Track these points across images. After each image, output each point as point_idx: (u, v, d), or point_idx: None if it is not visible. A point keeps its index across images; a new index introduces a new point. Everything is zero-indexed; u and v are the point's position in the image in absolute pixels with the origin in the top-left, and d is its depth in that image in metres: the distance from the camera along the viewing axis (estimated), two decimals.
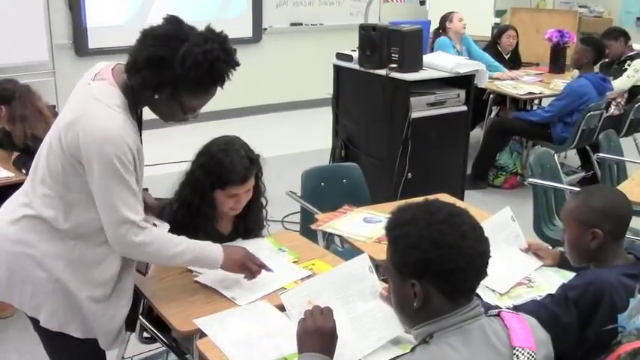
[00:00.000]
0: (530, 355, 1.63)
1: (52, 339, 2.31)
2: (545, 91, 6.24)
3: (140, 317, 2.60)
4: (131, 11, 7.03)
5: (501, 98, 6.64)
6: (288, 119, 8.04)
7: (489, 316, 1.74)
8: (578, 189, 3.57)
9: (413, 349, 1.65)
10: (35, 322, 2.28)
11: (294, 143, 6.68)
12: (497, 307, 2.24)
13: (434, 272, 1.61)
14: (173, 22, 2.07)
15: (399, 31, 4.37)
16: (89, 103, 2.07)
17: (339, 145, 4.93)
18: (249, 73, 8.02)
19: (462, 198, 4.77)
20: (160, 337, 2.60)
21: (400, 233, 1.67)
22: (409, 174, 4.45)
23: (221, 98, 8.31)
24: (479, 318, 1.66)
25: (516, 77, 6.54)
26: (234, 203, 2.67)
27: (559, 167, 4.33)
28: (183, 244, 2.27)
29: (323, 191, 3.72)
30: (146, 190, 2.48)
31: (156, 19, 2.10)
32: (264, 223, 2.96)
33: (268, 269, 2.46)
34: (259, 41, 8.08)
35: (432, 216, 1.64)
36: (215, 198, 2.64)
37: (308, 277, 2.55)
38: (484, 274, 1.67)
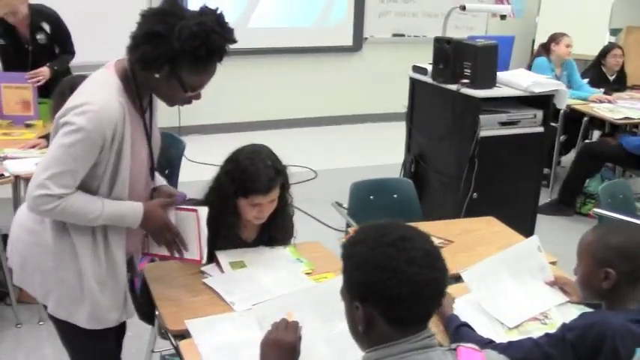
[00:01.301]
0: None
1: (62, 328, 2.38)
2: None
3: (157, 312, 2.56)
4: (235, 14, 7.24)
5: (601, 123, 6.29)
6: (377, 130, 7.97)
7: (448, 349, 1.62)
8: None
9: None
10: (46, 308, 2.36)
11: (376, 155, 6.63)
12: (479, 337, 2.11)
13: (376, 297, 1.52)
14: (169, 1, 2.11)
15: (473, 45, 4.21)
16: (85, 83, 2.18)
17: (409, 160, 4.81)
18: (348, 82, 8.08)
19: (532, 224, 4.55)
20: (168, 335, 2.61)
21: (350, 253, 1.60)
22: (475, 194, 4.27)
23: (317, 105, 8.42)
24: (427, 350, 1.55)
25: (613, 100, 6.17)
26: (258, 212, 2.66)
27: (631, 199, 4.03)
28: (101, 211, 2.18)
29: (371, 205, 3.64)
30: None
31: (259, 23, 2.15)
32: (293, 233, 2.92)
33: (184, 245, 2.43)
34: (359, 50, 8.05)
35: (381, 238, 1.55)
36: (238, 205, 2.64)
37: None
38: (435, 304, 1.56)
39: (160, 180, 2.55)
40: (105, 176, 2.18)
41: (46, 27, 4.79)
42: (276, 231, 2.83)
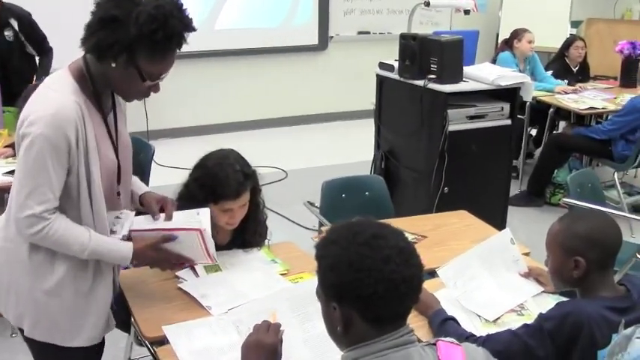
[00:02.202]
0: None
1: (39, 349, 2.26)
2: (609, 107, 5.92)
3: (133, 319, 2.54)
4: (202, 15, 7.20)
5: (567, 113, 6.36)
6: (348, 128, 7.97)
7: (427, 344, 1.62)
8: (618, 212, 3.37)
9: None
10: (21, 331, 2.23)
11: (346, 154, 6.62)
12: (462, 331, 2.13)
13: (352, 296, 1.51)
14: None
15: (439, 41, 4.23)
16: (38, 92, 2.07)
17: (379, 156, 4.82)
18: (315, 81, 8.07)
19: (504, 216, 4.59)
20: (145, 343, 2.58)
21: (323, 253, 1.58)
22: (446, 188, 4.29)
23: (285, 105, 8.36)
24: (406, 346, 1.55)
25: (578, 91, 6.25)
26: (229, 218, 2.65)
27: (617, 186, 4.09)
28: (83, 241, 2.10)
29: (343, 203, 3.64)
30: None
31: (225, 25, 2.09)
32: (266, 235, 2.91)
33: (189, 260, 2.40)
34: (325, 49, 8.05)
35: (354, 237, 1.54)
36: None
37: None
38: (412, 300, 1.56)
39: (140, 185, 2.48)
40: (81, 185, 2.09)
41: (14, 23, 4.76)
42: (249, 235, 2.83)
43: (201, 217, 2.35)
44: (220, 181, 2.56)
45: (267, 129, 7.70)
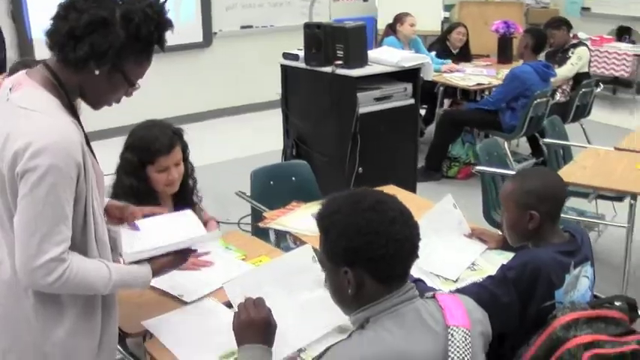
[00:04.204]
0: (465, 333, 1.65)
1: None
2: (493, 82, 6.35)
3: None
4: None
5: (453, 91, 6.74)
6: (241, 122, 8.05)
7: (426, 298, 1.77)
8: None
9: (350, 335, 1.68)
10: None
11: (248, 146, 6.69)
12: (432, 289, 2.29)
13: (364, 259, 1.63)
14: None
15: (343, 28, 4.41)
16: (18, 116, 1.76)
17: (290, 144, 4.95)
18: (201, 78, 8.06)
19: (414, 190, 4.83)
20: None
21: (328, 223, 1.69)
22: (360, 169, 4.48)
23: (172, 104, 8.24)
24: (413, 301, 1.69)
25: (461, 69, 6.64)
26: (167, 177, 2.72)
27: (508, 154, 4.41)
28: (104, 275, 1.88)
29: (273, 190, 3.74)
30: None
31: None
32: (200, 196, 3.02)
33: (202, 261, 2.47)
34: (210, 46, 8.06)
35: (357, 204, 1.67)
36: (149, 177, 2.71)
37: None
38: (414, 258, 1.70)
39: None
40: (87, 212, 1.86)
41: None
42: (190, 197, 2.91)
43: (189, 219, 2.37)
44: (151, 139, 2.68)
45: None
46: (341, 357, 1.60)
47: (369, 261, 1.63)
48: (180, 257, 2.14)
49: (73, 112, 1.88)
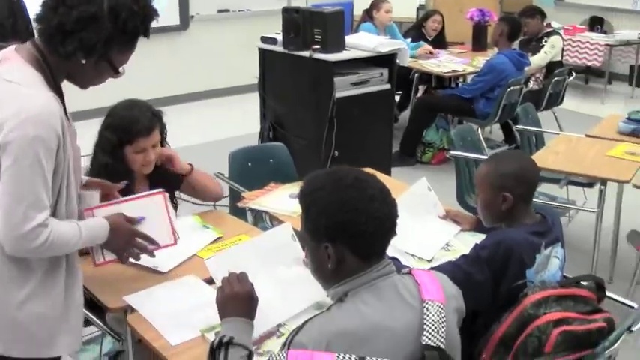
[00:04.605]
0: (440, 307, 1.70)
1: None
2: (468, 69, 6.43)
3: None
4: None
5: (428, 77, 6.81)
6: (218, 106, 8.05)
7: (402, 273, 1.83)
8: None
9: (329, 308, 1.73)
10: None
11: (225, 129, 6.71)
12: (407, 267, 2.35)
13: (345, 235, 1.69)
14: None
15: (321, 12, 4.45)
16: (1, 89, 1.86)
17: (267, 127, 4.98)
18: (178, 61, 8.04)
19: (388, 174, 4.88)
20: (95, 320, 2.57)
21: (311, 200, 1.74)
22: (336, 152, 4.54)
23: (149, 87, 8.17)
24: (390, 275, 1.75)
25: (435, 53, 6.73)
26: (144, 158, 2.74)
27: (481, 140, 4.49)
28: (76, 233, 2.00)
29: (250, 172, 3.78)
30: None
31: None
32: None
33: (155, 243, 2.35)
34: (187, 29, 8.04)
35: (339, 182, 1.72)
36: (126, 156, 2.71)
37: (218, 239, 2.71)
38: (392, 235, 1.75)
39: None
40: (62, 184, 1.95)
41: None
42: (167, 179, 2.86)
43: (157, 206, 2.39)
44: (131, 120, 2.69)
45: None
46: (320, 328, 1.64)
47: (350, 237, 1.68)
48: (134, 230, 2.27)
49: (57, 89, 1.96)
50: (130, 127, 2.68)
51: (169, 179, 2.86)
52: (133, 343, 2.39)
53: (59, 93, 1.97)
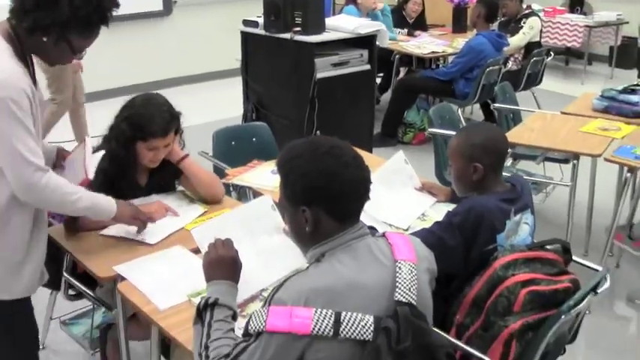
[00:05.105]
0: (412, 266, 1.80)
1: None
2: (447, 50, 6.54)
3: (65, 274, 2.69)
4: None
5: (409, 59, 6.90)
6: (202, 90, 8.11)
7: (376, 236, 1.92)
8: None
9: (307, 268, 1.82)
10: None
11: (209, 113, 6.75)
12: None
13: (321, 198, 1.78)
14: None
15: None
16: None
17: (250, 108, 5.07)
18: (162, 47, 8.08)
19: (370, 152, 4.99)
20: (86, 292, 2.69)
21: (289, 167, 1.83)
22: (317, 132, 4.62)
23: (133, 72, 8.15)
24: (365, 237, 1.84)
25: (417, 34, 6.84)
26: (153, 155, 2.78)
27: (460, 119, 4.59)
28: (81, 191, 2.28)
29: (234, 150, 3.86)
30: None
31: None
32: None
33: (153, 221, 2.63)
34: (170, 14, 8.08)
35: (316, 150, 1.81)
36: (136, 150, 2.75)
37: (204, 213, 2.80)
38: (366, 198, 1.85)
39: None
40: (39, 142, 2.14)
41: None
42: (168, 176, 2.97)
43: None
44: (149, 119, 2.70)
45: (122, 97, 7.62)
46: (299, 286, 1.72)
47: (325, 200, 1.78)
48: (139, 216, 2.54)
49: (25, 62, 2.12)
50: (147, 126, 2.70)
51: (168, 169, 2.92)
52: (124, 315, 2.49)
53: (28, 65, 2.14)
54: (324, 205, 1.79)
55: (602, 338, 3.46)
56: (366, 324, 1.66)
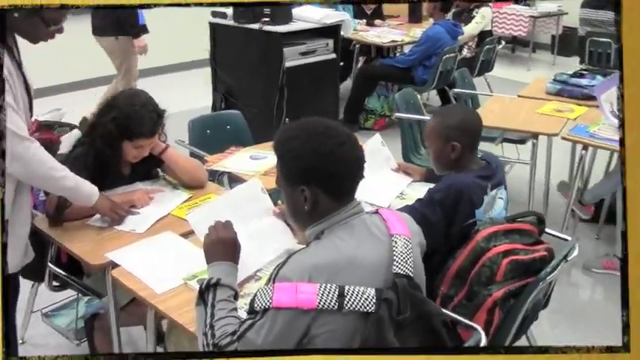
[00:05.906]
0: (406, 240, 1.90)
1: None
2: (405, 39, 6.72)
3: (50, 264, 2.69)
4: None
5: (367, 49, 7.06)
6: (170, 81, 8.06)
7: (370, 213, 2.03)
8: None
9: (308, 245, 1.89)
10: None
11: (179, 104, 6.75)
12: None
13: (319, 177, 1.85)
14: None
15: None
16: None
17: (219, 98, 5.14)
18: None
19: None
20: (74, 281, 2.72)
21: (286, 148, 1.90)
22: (287, 119, 4.73)
23: (101, 63, 8.02)
24: (360, 214, 1.93)
25: (379, 24, 7.02)
26: (138, 152, 2.81)
27: (421, 103, 4.75)
28: (67, 170, 2.37)
29: (209, 138, 3.92)
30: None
31: None
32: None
33: (134, 213, 2.70)
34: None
35: (311, 130, 1.89)
36: (122, 148, 2.77)
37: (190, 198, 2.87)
38: (361, 177, 1.94)
39: None
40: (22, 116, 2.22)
41: None
42: (151, 167, 3.03)
43: None
44: (137, 120, 2.70)
45: (94, 88, 7.53)
46: (302, 263, 1.79)
47: (323, 179, 1.85)
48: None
49: (8, 44, 2.18)
50: (135, 126, 2.70)
51: (150, 159, 2.95)
52: (116, 303, 2.51)
53: (9, 46, 2.21)
54: (322, 184, 1.85)
55: (564, 304, 3.66)
56: (368, 296, 1.74)
